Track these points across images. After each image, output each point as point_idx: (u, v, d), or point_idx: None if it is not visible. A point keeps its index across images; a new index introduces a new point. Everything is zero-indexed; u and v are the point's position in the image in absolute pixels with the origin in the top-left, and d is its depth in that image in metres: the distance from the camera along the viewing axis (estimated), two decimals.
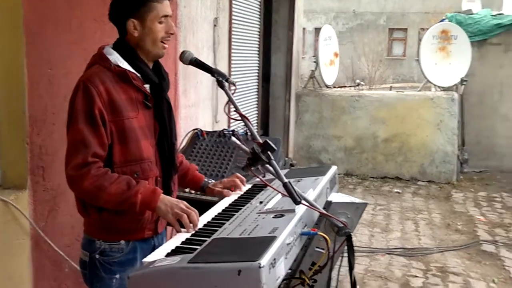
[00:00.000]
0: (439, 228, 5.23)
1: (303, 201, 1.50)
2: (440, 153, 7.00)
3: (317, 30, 20.15)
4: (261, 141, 1.57)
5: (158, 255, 1.49)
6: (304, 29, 19.53)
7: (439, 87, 7.51)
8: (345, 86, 9.00)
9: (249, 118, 1.74)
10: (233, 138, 1.67)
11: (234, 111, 1.74)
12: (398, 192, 6.52)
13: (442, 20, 8.21)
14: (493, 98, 7.86)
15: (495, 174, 7.58)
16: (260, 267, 1.24)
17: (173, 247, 1.54)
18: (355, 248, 4.12)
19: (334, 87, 8.22)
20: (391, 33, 22.45)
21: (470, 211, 5.82)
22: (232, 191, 2.07)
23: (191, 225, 1.69)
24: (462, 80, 7.22)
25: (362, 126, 7.27)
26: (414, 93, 7.47)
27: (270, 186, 1.64)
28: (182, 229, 1.69)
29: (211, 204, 1.95)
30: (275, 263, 1.32)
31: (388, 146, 7.18)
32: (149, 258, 1.46)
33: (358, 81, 8.53)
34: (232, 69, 4.94)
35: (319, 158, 7.44)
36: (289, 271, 1.63)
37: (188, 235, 1.64)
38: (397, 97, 7.36)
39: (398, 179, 7.09)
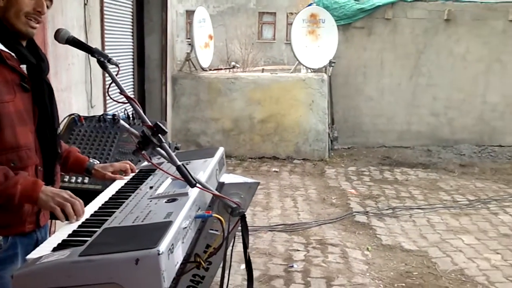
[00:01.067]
0: (316, 203, 5.50)
1: (198, 184, 1.46)
2: (313, 132, 7.33)
3: (188, 13, 19.99)
4: (150, 123, 1.50)
5: (43, 250, 1.37)
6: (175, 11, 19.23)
7: (310, 68, 7.83)
8: (221, 69, 9.02)
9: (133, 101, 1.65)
10: (122, 122, 1.57)
11: (120, 93, 1.64)
12: (276, 171, 6.73)
13: (310, 5, 8.54)
14: (358, 79, 8.37)
15: (362, 150, 8.13)
16: (159, 254, 1.19)
17: (60, 241, 1.43)
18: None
19: (210, 69, 8.22)
20: (261, 17, 22.95)
21: (342, 185, 6.19)
22: (125, 175, 1.98)
23: (75, 216, 1.58)
24: (330, 62, 7.60)
25: (238, 107, 7.36)
26: (287, 75, 7.71)
27: (163, 170, 1.58)
28: (66, 221, 1.58)
29: (97, 193, 1.85)
30: (173, 249, 1.28)
31: (264, 127, 7.36)
32: (33, 255, 1.34)
33: (233, 63, 8.62)
34: (105, 51, 4.71)
35: (198, 141, 7.42)
36: (184, 255, 1.60)
37: (75, 227, 1.53)
38: (271, 79, 7.54)
39: (275, 159, 7.32)
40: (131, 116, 2.86)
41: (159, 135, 1.47)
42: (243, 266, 3.80)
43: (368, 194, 5.86)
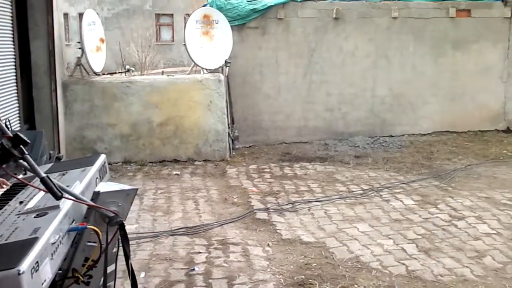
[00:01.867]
0: (217, 204, 5.50)
1: (65, 195, 1.40)
2: (212, 132, 7.33)
3: (81, 16, 19.28)
4: (11, 134, 1.41)
5: None
6: (67, 14, 18.45)
7: (206, 69, 7.82)
8: (115, 73, 8.76)
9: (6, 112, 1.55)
10: None
11: None
12: (177, 174, 6.66)
13: (205, 5, 8.54)
14: (255, 78, 8.50)
15: (263, 147, 8.26)
16: (19, 274, 1.12)
17: None
18: (138, 235, 4.06)
19: (104, 74, 7.96)
20: (158, 19, 22.64)
21: (243, 184, 6.24)
22: None
23: None
24: (226, 62, 7.65)
25: (136, 112, 7.20)
26: (184, 77, 7.65)
27: (28, 183, 1.50)
28: None
29: None
30: (38, 267, 1.21)
31: (163, 130, 7.25)
32: None
33: (128, 67, 8.40)
34: None
35: (95, 148, 7.16)
36: (60, 271, 1.52)
37: None
38: (168, 81, 7.44)
39: (176, 161, 7.24)
40: None
41: (21, 146, 1.39)
42: (142, 274, 3.73)
43: (268, 190, 5.96)
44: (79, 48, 7.26)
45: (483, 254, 4.21)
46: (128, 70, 8.19)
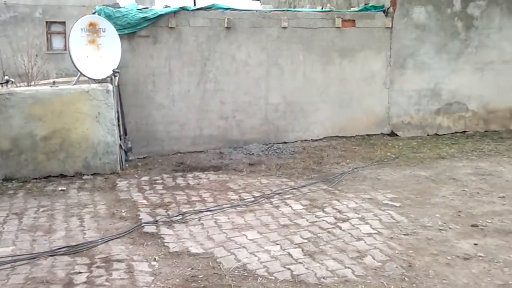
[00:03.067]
0: (104, 219, 5.30)
1: None
2: (102, 144, 7.07)
3: None
4: None
5: None
6: None
7: (93, 79, 7.56)
8: None
9: None
10: None
11: None
12: (63, 190, 6.34)
13: (94, 13, 8.26)
14: (148, 87, 8.35)
15: (157, 158, 8.13)
16: None
17: None
18: (13, 258, 3.80)
19: None
20: (49, 27, 21.63)
21: (134, 196, 6.08)
22: None
23: None
24: (114, 72, 7.43)
25: (17, 125, 6.77)
26: (70, 87, 7.30)
27: None
28: None
29: None
30: None
31: (48, 144, 6.88)
32: None
33: (6, 77, 7.90)
34: None
35: None
36: None
37: None
38: (52, 92, 7.08)
39: (63, 176, 6.90)
40: None
41: None
42: None
43: (159, 202, 5.84)
44: None
45: (364, 254, 4.39)
46: (7, 82, 7.71)
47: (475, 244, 4.54)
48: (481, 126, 10.08)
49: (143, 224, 5.08)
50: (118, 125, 7.45)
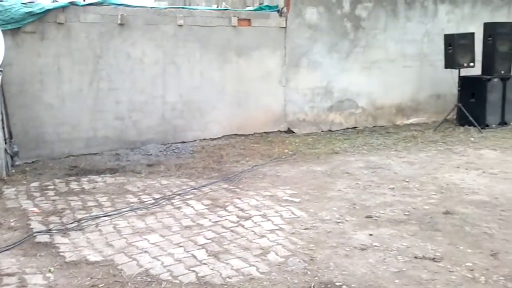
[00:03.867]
0: None
1: None
2: None
3: None
4: None
5: None
6: None
7: None
8: None
9: None
10: None
11: None
12: None
13: None
14: (35, 87, 7.85)
15: (48, 162, 7.67)
16: None
17: None
18: None
19: None
20: None
21: (23, 205, 5.68)
22: None
23: None
24: None
25: None
26: None
27: None
28: None
29: None
30: None
31: None
32: None
33: None
34: None
35: None
36: None
37: None
38: None
39: None
40: None
41: None
42: None
43: (52, 210, 5.51)
44: None
45: (268, 250, 4.45)
46: None
47: (370, 235, 4.77)
48: (370, 121, 10.65)
49: (34, 234, 4.76)
50: (3, 127, 6.92)
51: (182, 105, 8.95)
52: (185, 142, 8.91)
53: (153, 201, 5.84)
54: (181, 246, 4.55)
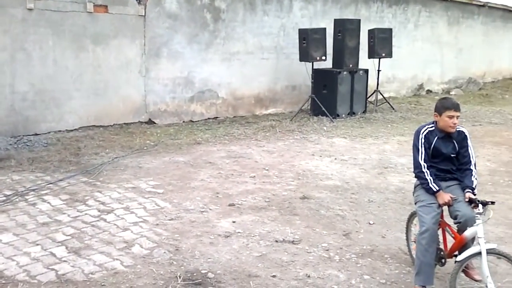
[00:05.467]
0: None
1: None
2: None
3: None
4: None
5: None
6: None
7: None
8: None
9: None
10: None
11: None
12: None
13: None
14: None
15: None
16: None
17: None
18: None
19: None
20: None
21: None
22: None
23: None
24: None
25: None
26: None
27: None
28: None
29: None
30: None
31: None
32: None
33: None
34: None
35: None
36: None
37: None
38: None
39: None
40: None
41: None
42: None
43: None
44: None
45: (132, 243, 4.40)
46: None
47: (234, 222, 4.94)
48: (231, 112, 10.92)
49: None
50: None
51: (34, 95, 8.40)
52: (39, 134, 8.38)
53: (4, 198, 5.44)
54: (38, 244, 4.32)
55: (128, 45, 9.38)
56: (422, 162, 3.71)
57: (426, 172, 3.69)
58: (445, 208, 3.66)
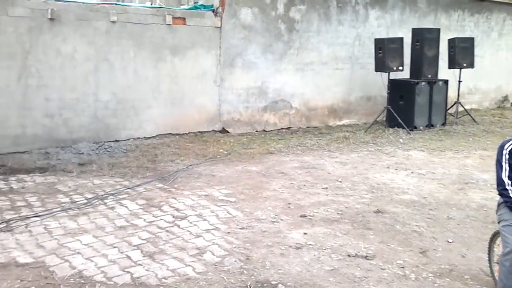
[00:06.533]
0: None
1: None
2: None
3: None
4: None
5: None
6: None
7: None
8: None
9: None
10: None
11: None
12: None
13: None
14: None
15: None
16: None
17: None
18: None
19: None
20: None
21: None
22: None
23: None
24: None
25: None
26: None
27: None
28: None
29: None
30: None
31: None
32: None
33: None
34: None
35: None
36: None
37: None
38: None
39: None
40: None
41: None
42: None
43: None
44: None
45: (204, 250, 4.46)
46: None
47: (305, 234, 4.89)
48: (304, 122, 10.88)
49: None
50: None
51: (116, 104, 8.77)
52: (118, 141, 8.73)
53: (86, 201, 5.70)
54: (115, 247, 4.47)
55: (204, 56, 9.60)
56: (506, 179, 3.51)
57: (510, 189, 3.49)
58: None
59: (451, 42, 11.42)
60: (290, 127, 10.65)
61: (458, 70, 11.49)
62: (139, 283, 3.84)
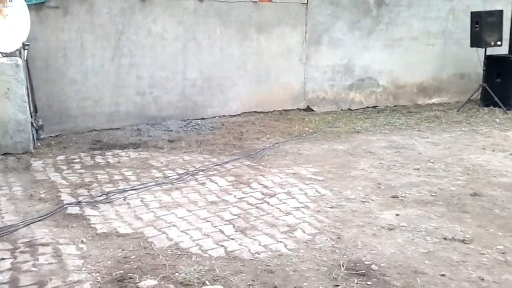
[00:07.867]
0: (22, 201, 4.99)
1: None
2: (13, 123, 6.60)
3: None
4: None
5: None
6: None
7: (1, 53, 7.00)
8: None
9: None
10: None
11: None
12: None
13: None
14: (59, 62, 7.87)
15: (71, 136, 7.75)
16: None
17: None
18: None
19: None
20: None
21: (51, 177, 5.75)
22: None
23: None
24: (24, 45, 6.93)
25: None
26: None
27: None
28: None
29: None
30: None
31: None
32: None
33: None
34: None
35: None
36: None
37: None
38: None
39: None
40: None
41: None
42: None
43: (80, 182, 5.58)
44: None
45: (294, 228, 4.47)
46: None
47: (397, 215, 4.78)
48: (391, 101, 10.58)
49: (65, 206, 4.84)
50: (28, 101, 6.98)
51: (202, 82, 8.94)
52: (205, 118, 8.92)
53: (177, 176, 5.89)
54: (208, 221, 4.59)
55: (290, 33, 9.54)
56: None
57: None
58: None
59: None
60: (376, 106, 10.40)
61: None
62: (232, 256, 3.92)
